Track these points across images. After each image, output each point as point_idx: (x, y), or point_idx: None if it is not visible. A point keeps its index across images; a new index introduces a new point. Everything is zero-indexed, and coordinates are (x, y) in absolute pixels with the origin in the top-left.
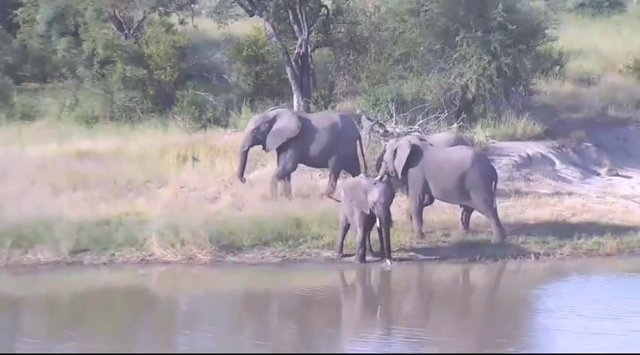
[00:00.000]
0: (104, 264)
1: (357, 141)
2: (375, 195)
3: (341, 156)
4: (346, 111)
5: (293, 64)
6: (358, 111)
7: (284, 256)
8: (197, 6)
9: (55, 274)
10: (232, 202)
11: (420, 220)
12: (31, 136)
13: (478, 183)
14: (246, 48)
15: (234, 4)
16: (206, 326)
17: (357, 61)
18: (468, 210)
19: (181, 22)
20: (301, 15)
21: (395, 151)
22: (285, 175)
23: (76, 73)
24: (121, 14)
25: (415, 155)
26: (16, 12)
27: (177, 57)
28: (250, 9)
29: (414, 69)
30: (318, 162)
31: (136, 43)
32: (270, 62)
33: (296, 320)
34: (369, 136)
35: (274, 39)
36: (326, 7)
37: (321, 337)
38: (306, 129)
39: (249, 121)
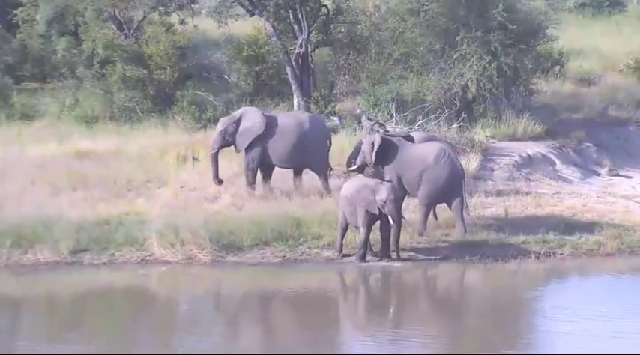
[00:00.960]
0: (104, 263)
1: (327, 142)
2: (383, 194)
3: (310, 156)
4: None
5: (293, 63)
6: (358, 111)
7: (284, 256)
8: (197, 6)
9: (55, 274)
10: (232, 202)
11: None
12: (30, 136)
13: (442, 177)
14: (246, 48)
15: (235, 4)
16: (205, 326)
17: (357, 60)
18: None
19: (181, 22)
20: (301, 15)
21: (372, 144)
22: (251, 175)
23: (76, 73)
24: (121, 14)
25: (390, 149)
26: (16, 12)
27: (177, 57)
28: (250, 9)
29: (414, 69)
30: (284, 162)
31: (135, 43)
32: (270, 62)
33: (295, 320)
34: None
35: (274, 39)
36: (326, 6)
37: (320, 337)
38: (272, 129)
39: (218, 123)
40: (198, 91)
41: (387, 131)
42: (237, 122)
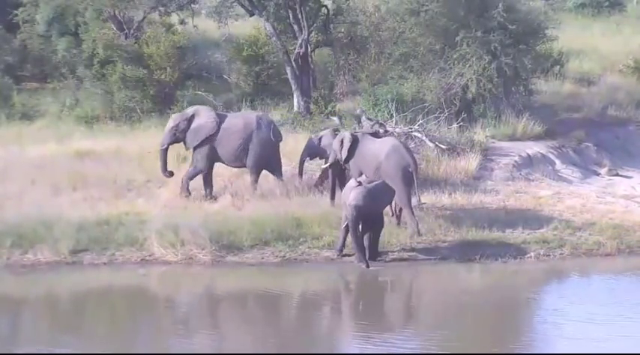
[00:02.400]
0: (104, 263)
1: (278, 143)
2: (348, 196)
3: (256, 156)
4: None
5: (293, 63)
6: (358, 111)
7: (284, 256)
8: (197, 6)
9: (55, 274)
10: (232, 202)
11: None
12: (31, 136)
13: (392, 173)
14: (246, 48)
15: (234, 4)
16: (204, 326)
17: (357, 60)
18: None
19: (181, 22)
20: (301, 15)
21: (342, 141)
22: (196, 175)
23: (76, 73)
24: (120, 14)
25: (354, 145)
26: (16, 12)
27: (177, 57)
28: (250, 9)
29: (414, 69)
30: (232, 162)
31: (136, 43)
32: (270, 62)
33: (295, 320)
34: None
35: (274, 39)
36: (326, 7)
37: (320, 337)
38: (220, 129)
39: (169, 119)
40: (198, 91)
41: (387, 131)
42: (190, 120)
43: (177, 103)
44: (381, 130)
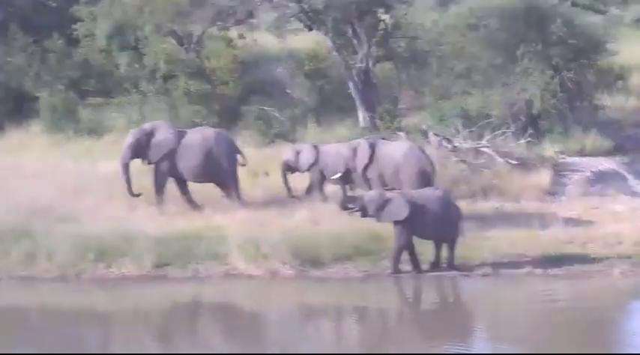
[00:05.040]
0: (188, 277)
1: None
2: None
3: (217, 171)
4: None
5: (355, 78)
6: (424, 127)
7: (367, 271)
8: (255, 21)
9: (142, 288)
10: (309, 217)
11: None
12: (100, 151)
13: (411, 175)
14: (307, 62)
15: (292, 18)
16: (289, 340)
17: (419, 75)
18: None
19: (240, 37)
20: (359, 29)
21: (355, 150)
22: (160, 190)
23: (139, 87)
24: (179, 29)
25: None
26: (75, 27)
27: (238, 71)
28: (308, 23)
29: (477, 83)
30: (190, 177)
31: (197, 57)
32: (332, 77)
33: (382, 334)
34: (438, 152)
35: (334, 53)
36: (384, 21)
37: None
38: (181, 144)
39: (128, 135)
40: (263, 106)
41: (455, 146)
42: (149, 135)
43: (243, 118)
44: (449, 146)
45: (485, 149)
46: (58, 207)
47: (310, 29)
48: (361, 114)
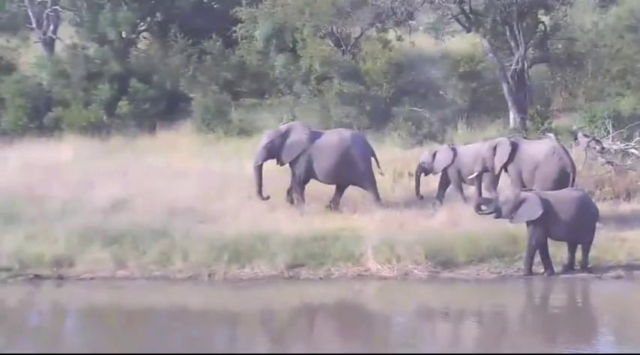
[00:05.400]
0: (320, 278)
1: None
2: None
3: (353, 173)
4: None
5: (509, 80)
6: (574, 128)
7: (500, 272)
8: (414, 22)
9: (273, 288)
10: (448, 218)
11: None
12: (249, 152)
13: (550, 174)
14: (462, 64)
15: (452, 20)
16: (420, 343)
17: (574, 77)
18: None
19: (398, 39)
20: (518, 31)
21: (494, 149)
22: (298, 190)
23: (293, 88)
24: (338, 31)
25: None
26: (234, 28)
27: (393, 73)
28: (467, 25)
29: (632, 85)
30: (324, 178)
31: (353, 59)
32: (486, 78)
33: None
34: (586, 153)
35: (490, 55)
36: (543, 23)
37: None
38: (316, 145)
39: (263, 136)
40: (414, 108)
41: (603, 148)
42: (284, 136)
43: (393, 119)
44: (597, 147)
45: (633, 150)
46: (200, 208)
47: (468, 31)
48: (512, 116)
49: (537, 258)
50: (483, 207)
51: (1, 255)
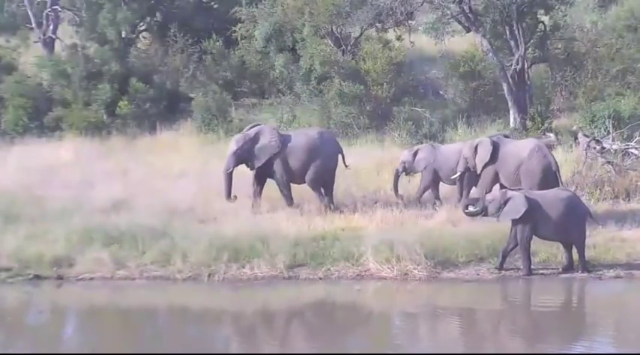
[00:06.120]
0: (320, 278)
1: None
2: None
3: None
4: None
5: (509, 80)
6: (574, 128)
7: (500, 272)
8: (414, 22)
9: (272, 288)
10: (448, 218)
11: None
12: None
13: (534, 172)
14: (462, 64)
15: (451, 20)
16: (420, 342)
17: (573, 77)
18: None
19: (398, 38)
20: (518, 31)
21: (476, 148)
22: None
23: (293, 88)
24: (338, 30)
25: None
26: (234, 28)
27: (393, 73)
28: (467, 25)
29: (632, 85)
30: (296, 179)
31: (353, 59)
32: (486, 78)
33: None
34: (586, 153)
35: (490, 55)
36: (543, 22)
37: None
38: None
39: (231, 141)
40: (414, 107)
41: (604, 148)
42: (253, 141)
43: (394, 119)
44: (597, 147)
45: (633, 150)
46: (200, 208)
47: (468, 31)
48: (512, 116)
49: (536, 258)
50: (471, 207)
51: (1, 255)
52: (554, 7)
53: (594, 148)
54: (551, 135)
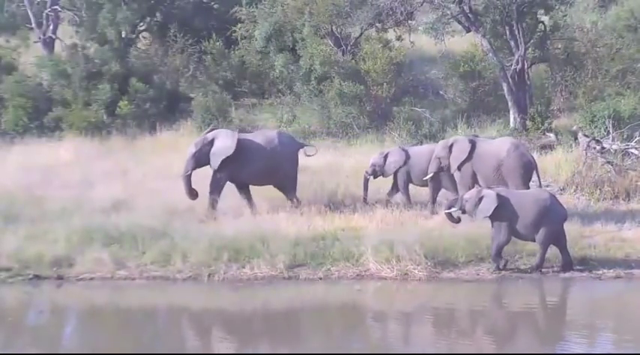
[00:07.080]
0: (320, 278)
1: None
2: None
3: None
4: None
5: (509, 80)
6: (574, 128)
7: (500, 272)
8: (414, 22)
9: (272, 288)
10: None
11: None
12: None
13: (514, 170)
14: (462, 64)
15: (451, 20)
16: (420, 342)
17: (573, 77)
18: None
19: (398, 38)
20: (518, 31)
21: (450, 147)
22: (214, 192)
23: (293, 88)
24: (338, 30)
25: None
26: (234, 28)
27: (393, 73)
28: (467, 25)
29: (632, 85)
30: (252, 181)
31: (353, 59)
32: (486, 78)
33: (512, 337)
34: (586, 153)
35: (490, 55)
36: (543, 22)
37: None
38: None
39: (190, 145)
40: (414, 107)
41: (603, 148)
42: (211, 143)
43: (394, 119)
44: (597, 147)
45: (633, 150)
46: (200, 208)
47: (468, 31)
48: (512, 116)
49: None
50: (453, 209)
51: (1, 255)
52: (554, 7)
53: (594, 148)
54: (551, 135)
